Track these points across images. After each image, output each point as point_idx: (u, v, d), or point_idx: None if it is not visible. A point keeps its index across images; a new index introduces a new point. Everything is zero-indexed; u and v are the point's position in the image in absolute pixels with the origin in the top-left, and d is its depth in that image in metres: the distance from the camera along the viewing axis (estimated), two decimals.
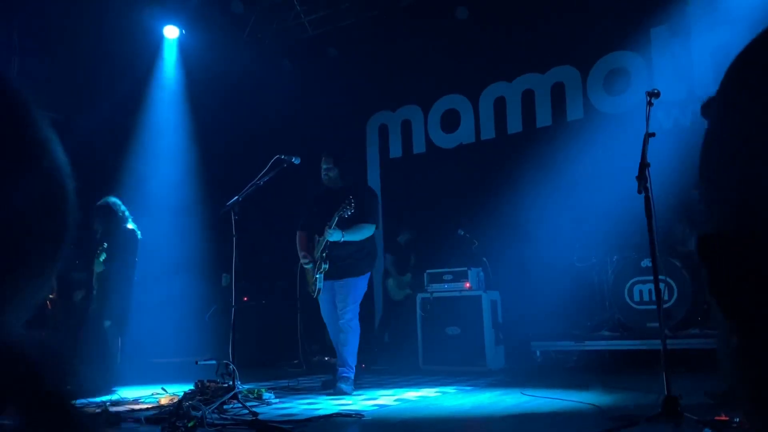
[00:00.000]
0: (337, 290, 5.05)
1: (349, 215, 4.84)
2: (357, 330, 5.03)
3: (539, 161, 7.22)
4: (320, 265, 4.99)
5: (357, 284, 5.04)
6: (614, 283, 5.96)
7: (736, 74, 0.38)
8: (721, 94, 0.39)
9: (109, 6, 7.01)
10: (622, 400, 3.89)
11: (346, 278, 5.02)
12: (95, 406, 4.15)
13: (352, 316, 5.00)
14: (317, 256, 5.01)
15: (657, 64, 6.87)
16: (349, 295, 5.00)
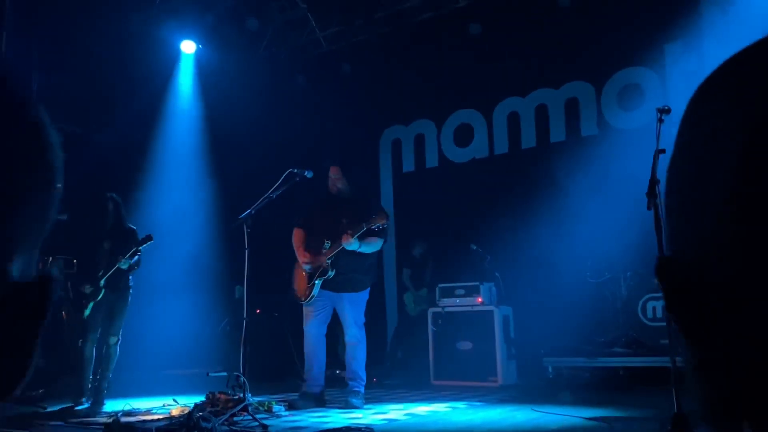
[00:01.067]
0: (340, 304, 4.97)
1: (377, 230, 4.79)
2: (365, 341, 4.99)
3: (553, 176, 7.21)
4: (325, 271, 4.90)
5: (363, 298, 5.02)
6: (627, 299, 5.92)
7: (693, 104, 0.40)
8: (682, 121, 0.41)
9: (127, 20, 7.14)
10: (633, 418, 3.86)
11: (352, 292, 4.95)
12: (107, 416, 4.19)
13: (360, 328, 4.96)
14: (324, 261, 4.92)
15: (670, 80, 6.86)
16: (356, 310, 4.96)
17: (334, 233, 4.92)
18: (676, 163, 0.41)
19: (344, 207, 5.03)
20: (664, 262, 0.40)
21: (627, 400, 4.64)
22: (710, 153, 0.38)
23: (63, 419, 4.36)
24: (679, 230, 0.40)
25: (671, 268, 0.40)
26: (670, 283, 0.40)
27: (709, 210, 0.37)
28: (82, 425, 4.18)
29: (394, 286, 8.58)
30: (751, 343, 0.35)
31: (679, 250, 0.40)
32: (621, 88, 7.20)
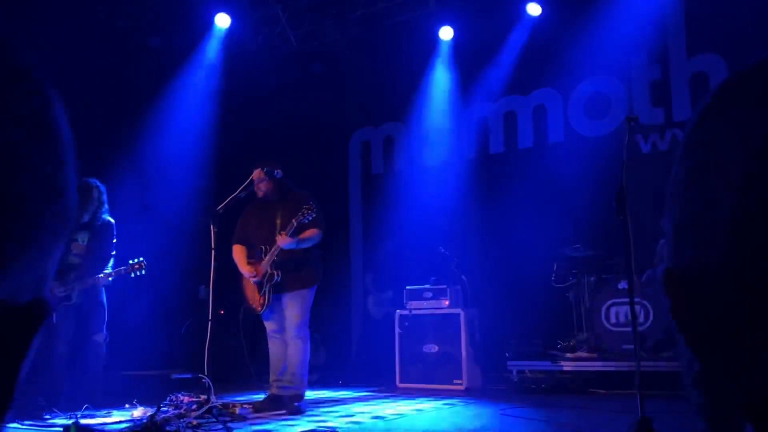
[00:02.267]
0: (286, 303, 4.88)
1: (308, 221, 4.71)
2: (307, 341, 4.88)
3: (520, 181, 7.30)
4: (271, 276, 4.82)
5: (307, 295, 4.89)
6: (591, 304, 6.01)
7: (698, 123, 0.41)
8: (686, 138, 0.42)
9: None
10: (597, 421, 3.91)
11: (296, 290, 4.85)
12: (66, 418, 4.08)
13: (303, 327, 4.85)
14: (266, 268, 4.84)
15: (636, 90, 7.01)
16: (301, 307, 4.84)
17: (270, 237, 4.82)
18: (679, 179, 0.42)
19: (275, 208, 4.95)
20: (670, 275, 0.41)
21: (591, 404, 4.71)
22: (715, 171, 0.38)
23: (19, 420, 4.23)
24: (683, 243, 0.41)
25: (677, 280, 0.40)
26: (676, 295, 0.40)
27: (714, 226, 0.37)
28: (40, 427, 4.06)
29: (360, 288, 8.57)
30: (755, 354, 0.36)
31: (684, 264, 0.40)
32: (587, 96, 7.33)
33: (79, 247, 5.13)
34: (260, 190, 4.99)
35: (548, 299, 6.69)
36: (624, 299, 5.76)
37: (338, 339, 8.13)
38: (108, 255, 5.17)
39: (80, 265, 5.07)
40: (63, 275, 5.03)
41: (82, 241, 5.14)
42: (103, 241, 5.16)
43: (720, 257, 0.37)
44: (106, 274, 5.02)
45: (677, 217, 0.41)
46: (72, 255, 5.11)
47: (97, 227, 5.17)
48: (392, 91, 8.33)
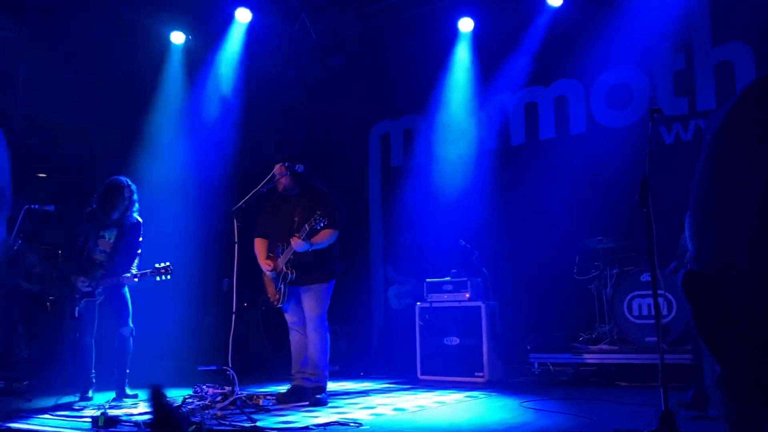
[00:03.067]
0: (303, 296, 4.93)
1: (320, 227, 4.75)
2: (327, 335, 4.94)
3: (542, 173, 7.26)
4: (286, 275, 4.86)
5: (324, 290, 4.93)
6: (613, 296, 5.98)
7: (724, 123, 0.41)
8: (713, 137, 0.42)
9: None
10: (620, 414, 3.90)
11: (312, 284, 4.89)
12: (95, 408, 4.17)
13: (321, 321, 4.90)
14: (282, 266, 4.89)
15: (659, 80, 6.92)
16: (317, 301, 4.89)
17: (287, 234, 4.86)
18: (704, 180, 0.42)
19: (294, 203, 4.99)
20: (690, 278, 0.41)
21: (613, 397, 4.69)
22: (740, 173, 0.39)
23: (49, 411, 4.33)
24: (705, 246, 0.41)
25: (697, 283, 0.41)
26: (696, 298, 0.41)
27: (737, 228, 0.38)
28: (69, 418, 4.15)
29: (380, 280, 8.60)
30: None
31: (705, 266, 0.41)
32: (609, 86, 7.25)
33: (106, 244, 5.22)
34: (280, 184, 5.03)
35: (570, 292, 6.66)
36: (647, 291, 5.73)
37: (359, 331, 8.18)
38: (134, 254, 5.26)
39: (106, 262, 5.16)
40: (89, 271, 5.13)
41: (110, 239, 5.22)
42: (130, 240, 5.24)
43: (741, 262, 0.37)
44: (132, 275, 5.10)
45: (699, 221, 0.42)
46: (98, 251, 5.20)
47: (126, 226, 5.25)
48: (412, 84, 8.33)
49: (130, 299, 5.24)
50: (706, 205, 0.40)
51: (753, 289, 0.36)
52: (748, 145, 0.37)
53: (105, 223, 5.22)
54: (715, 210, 0.39)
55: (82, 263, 5.16)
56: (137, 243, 5.29)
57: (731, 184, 0.38)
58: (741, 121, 0.39)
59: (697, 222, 0.41)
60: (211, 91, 8.23)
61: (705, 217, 0.40)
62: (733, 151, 0.39)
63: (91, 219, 5.24)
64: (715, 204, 0.39)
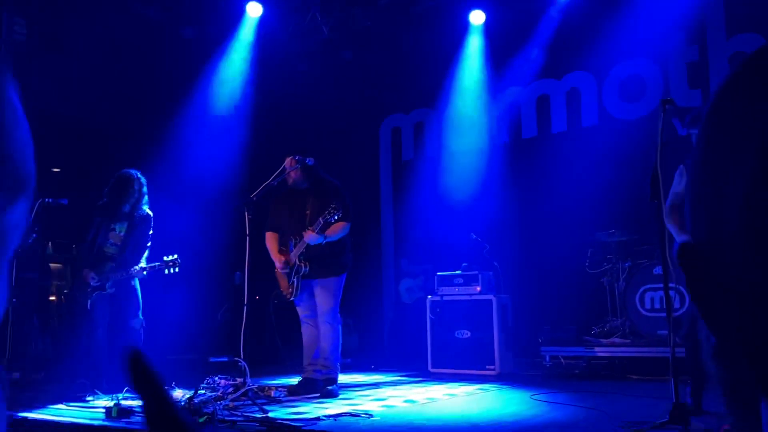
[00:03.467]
0: (316, 289, 4.95)
1: (334, 220, 4.77)
2: (339, 328, 4.97)
3: (554, 166, 7.23)
4: (299, 269, 4.89)
5: (336, 283, 4.95)
6: (625, 289, 5.95)
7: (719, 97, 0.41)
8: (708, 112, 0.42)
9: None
10: (631, 407, 3.89)
11: (325, 278, 4.91)
12: (108, 399, 4.21)
13: (333, 314, 4.92)
14: (295, 259, 4.90)
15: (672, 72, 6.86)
16: (329, 294, 4.91)
17: (299, 227, 4.90)
18: (699, 154, 0.42)
19: (305, 196, 5.00)
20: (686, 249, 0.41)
21: (625, 390, 4.68)
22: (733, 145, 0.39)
23: (63, 402, 4.38)
24: (700, 218, 0.41)
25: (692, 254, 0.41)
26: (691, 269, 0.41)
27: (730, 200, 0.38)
28: (83, 408, 4.20)
29: (391, 274, 8.62)
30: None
31: (700, 238, 0.41)
32: (622, 78, 7.20)
33: (117, 237, 5.25)
34: (291, 177, 5.05)
35: (582, 285, 6.64)
36: (659, 285, 5.69)
37: (370, 324, 8.21)
38: (144, 247, 5.29)
39: (116, 255, 5.21)
40: (99, 264, 5.17)
41: (120, 232, 5.26)
42: (140, 233, 5.27)
43: (734, 231, 0.37)
44: (141, 268, 5.13)
45: (694, 193, 0.42)
46: (109, 244, 5.24)
47: (136, 219, 5.29)
48: (423, 77, 8.31)
49: (140, 292, 5.28)
50: (701, 179, 0.40)
51: (745, 261, 0.36)
52: (741, 119, 0.37)
53: (116, 216, 5.26)
54: (710, 183, 0.39)
55: (93, 256, 5.20)
56: (147, 236, 5.32)
57: (724, 158, 0.38)
58: (735, 95, 0.39)
59: (692, 195, 0.41)
60: (222, 85, 8.25)
61: (699, 189, 0.40)
62: (726, 125, 0.39)
63: (102, 212, 5.28)
64: (709, 177, 0.39)
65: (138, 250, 5.24)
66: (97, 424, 3.65)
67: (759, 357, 0.37)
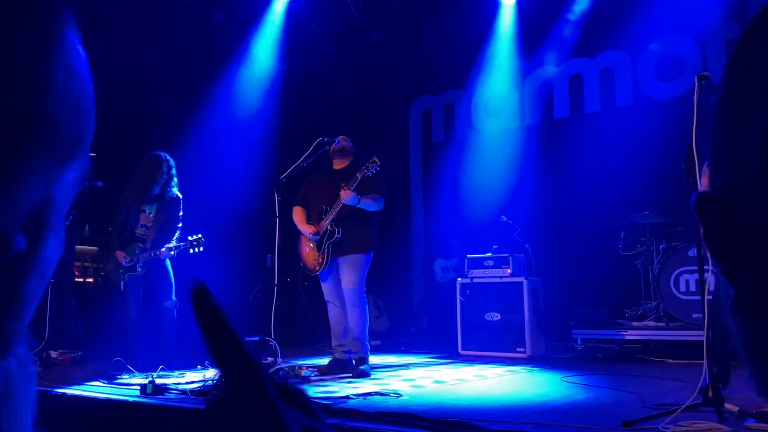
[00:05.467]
0: (343, 266, 4.93)
1: (372, 174, 4.78)
2: (366, 307, 4.93)
3: (587, 147, 7.10)
4: (332, 233, 4.85)
5: (362, 260, 4.91)
6: (660, 272, 5.84)
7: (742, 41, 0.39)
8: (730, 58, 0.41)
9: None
10: (663, 390, 3.84)
11: (355, 253, 4.89)
12: (143, 378, 4.31)
13: (359, 294, 4.89)
14: (327, 224, 4.89)
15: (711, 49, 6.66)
16: (354, 272, 4.88)
17: (332, 200, 4.91)
18: (721, 98, 0.41)
19: (342, 176, 5.01)
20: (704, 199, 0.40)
21: (658, 373, 4.61)
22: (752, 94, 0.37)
23: (100, 379, 4.50)
24: (719, 169, 0.40)
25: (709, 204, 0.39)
26: (708, 220, 0.39)
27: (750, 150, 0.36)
28: (119, 386, 4.31)
29: (420, 256, 8.61)
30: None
31: (719, 186, 0.40)
32: (658, 57, 7.02)
33: (147, 219, 5.34)
34: (341, 147, 5.08)
35: (615, 267, 6.55)
36: (694, 267, 5.56)
37: (400, 306, 8.23)
38: (174, 229, 5.37)
39: (146, 237, 5.30)
40: (130, 246, 5.28)
41: (150, 214, 5.35)
42: (170, 215, 5.35)
43: (754, 184, 0.36)
44: (168, 248, 5.22)
45: (715, 140, 0.40)
46: (140, 226, 5.34)
47: (166, 201, 5.36)
48: (453, 58, 8.22)
49: (173, 273, 5.36)
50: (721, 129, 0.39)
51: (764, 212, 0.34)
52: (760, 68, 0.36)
53: (146, 198, 5.34)
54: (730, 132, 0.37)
55: (125, 238, 5.30)
56: (177, 217, 5.39)
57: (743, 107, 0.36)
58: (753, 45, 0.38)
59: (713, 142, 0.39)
60: (252, 68, 8.29)
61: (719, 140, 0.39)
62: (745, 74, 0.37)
63: (133, 194, 5.37)
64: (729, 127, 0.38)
65: (168, 231, 5.32)
66: (131, 401, 3.74)
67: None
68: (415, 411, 3.13)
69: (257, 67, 8.30)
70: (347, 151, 5.13)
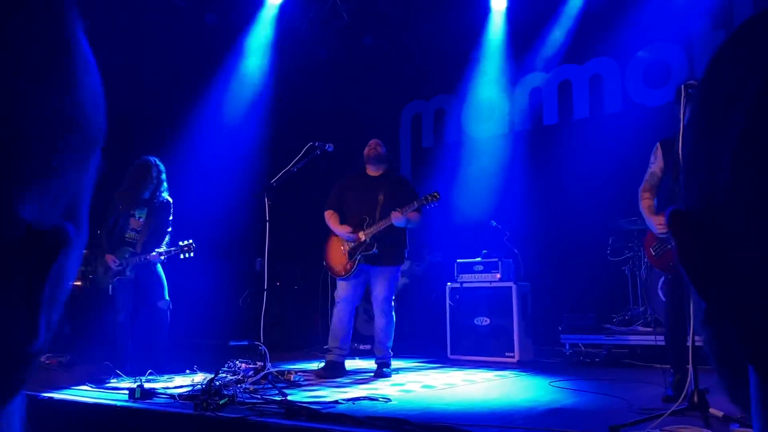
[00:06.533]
0: (377, 277, 5.07)
1: (430, 208, 4.99)
2: (393, 315, 5.16)
3: (575, 153, 7.15)
4: (370, 246, 4.98)
5: (395, 272, 5.16)
6: (647, 277, 5.89)
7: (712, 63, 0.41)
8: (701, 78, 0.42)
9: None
10: (651, 395, 3.87)
11: (389, 266, 5.08)
12: (132, 382, 4.29)
13: (389, 302, 5.11)
14: (367, 237, 5.00)
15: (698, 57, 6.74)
16: (387, 283, 5.07)
17: (371, 211, 5.03)
18: (692, 120, 0.42)
19: (377, 184, 5.13)
20: (677, 216, 0.41)
21: (645, 378, 4.65)
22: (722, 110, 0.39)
23: (88, 384, 4.47)
24: (692, 186, 0.41)
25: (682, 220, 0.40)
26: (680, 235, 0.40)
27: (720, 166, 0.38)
28: (107, 390, 4.29)
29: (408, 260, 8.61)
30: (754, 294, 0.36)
31: (692, 202, 0.41)
32: (647, 64, 7.09)
33: (137, 223, 5.32)
34: (377, 152, 5.17)
35: (603, 273, 6.59)
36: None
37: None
38: (164, 233, 5.35)
39: (136, 241, 5.28)
40: (120, 250, 5.26)
41: (140, 218, 5.33)
42: (160, 219, 5.33)
43: (723, 200, 0.37)
44: (158, 253, 5.20)
45: (688, 158, 0.42)
46: (129, 230, 5.32)
47: (156, 205, 5.34)
48: (443, 64, 8.26)
49: (165, 276, 5.35)
50: (692, 145, 0.40)
51: (733, 228, 0.36)
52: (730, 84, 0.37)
53: (136, 202, 5.33)
54: (702, 149, 0.39)
55: (114, 242, 5.28)
56: (167, 222, 5.38)
57: (714, 123, 0.38)
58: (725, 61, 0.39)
59: (686, 162, 0.41)
60: (244, 71, 8.29)
61: (692, 156, 0.40)
62: (716, 91, 0.39)
63: (123, 199, 5.35)
64: (700, 144, 0.39)
65: (158, 236, 5.31)
66: (120, 405, 3.72)
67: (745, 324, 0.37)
68: (404, 416, 3.14)
69: (249, 70, 8.30)
70: (383, 158, 5.24)
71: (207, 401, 3.44)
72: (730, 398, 0.41)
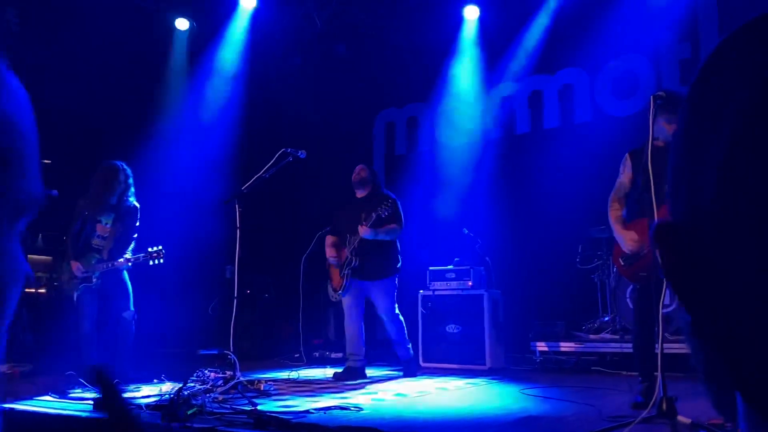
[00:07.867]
0: (371, 291, 5.42)
1: (385, 215, 5.23)
2: (401, 320, 5.51)
3: (546, 162, 7.23)
4: (350, 261, 5.32)
5: (389, 284, 5.44)
6: (616, 286, 5.97)
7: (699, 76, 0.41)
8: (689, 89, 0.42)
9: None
10: (620, 402, 3.90)
11: (380, 279, 5.37)
12: (96, 392, 4.19)
13: (393, 312, 5.43)
14: (348, 254, 5.36)
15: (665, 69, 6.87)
16: (385, 296, 5.40)
17: (354, 228, 5.35)
18: (679, 132, 0.42)
19: (362, 204, 5.45)
20: (662, 227, 0.40)
21: (614, 385, 4.70)
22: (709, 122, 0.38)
23: (51, 394, 4.36)
24: (678, 198, 0.41)
25: (668, 233, 0.40)
26: (666, 248, 0.40)
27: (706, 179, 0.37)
28: (71, 400, 4.18)
29: None
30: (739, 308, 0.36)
31: (679, 215, 0.40)
32: (615, 75, 7.21)
33: (104, 230, 5.21)
34: (360, 177, 5.51)
35: (573, 281, 6.66)
36: None
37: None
38: (129, 239, 5.25)
39: (102, 247, 5.17)
40: (85, 256, 5.14)
41: (106, 224, 5.22)
42: (127, 225, 5.23)
43: (708, 213, 0.37)
44: (125, 259, 5.10)
45: (674, 171, 0.41)
46: (96, 236, 5.20)
47: (123, 210, 5.24)
48: (416, 72, 8.29)
49: (131, 284, 5.25)
50: (679, 157, 0.40)
51: (719, 240, 0.35)
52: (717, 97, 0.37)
53: (102, 208, 5.21)
54: (688, 161, 0.39)
55: (80, 248, 5.16)
56: (133, 228, 5.28)
57: (701, 136, 0.37)
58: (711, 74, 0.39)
59: (672, 175, 0.40)
60: (215, 77, 8.22)
61: (678, 168, 0.40)
62: (703, 103, 0.38)
63: (89, 204, 5.23)
64: (687, 156, 0.39)
65: (124, 242, 5.20)
66: (84, 416, 3.63)
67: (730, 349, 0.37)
68: (376, 425, 3.11)
69: (221, 76, 8.23)
70: (366, 181, 5.56)
71: (175, 411, 3.37)
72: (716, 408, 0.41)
